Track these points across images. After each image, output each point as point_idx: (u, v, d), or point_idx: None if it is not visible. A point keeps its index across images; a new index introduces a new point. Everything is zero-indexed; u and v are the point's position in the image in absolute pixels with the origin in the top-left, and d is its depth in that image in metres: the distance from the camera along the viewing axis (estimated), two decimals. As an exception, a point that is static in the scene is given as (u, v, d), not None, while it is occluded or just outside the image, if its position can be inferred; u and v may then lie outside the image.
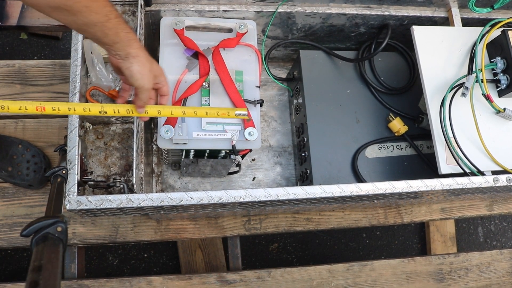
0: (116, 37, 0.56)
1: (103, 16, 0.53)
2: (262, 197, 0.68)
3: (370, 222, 1.08)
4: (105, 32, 0.55)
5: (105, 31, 0.55)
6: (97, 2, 0.52)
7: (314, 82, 0.99)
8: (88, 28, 0.54)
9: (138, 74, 0.60)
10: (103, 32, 0.55)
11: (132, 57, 0.59)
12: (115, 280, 0.96)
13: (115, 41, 0.57)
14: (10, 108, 0.58)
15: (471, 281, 1.10)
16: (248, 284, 1.00)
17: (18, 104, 0.58)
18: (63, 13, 0.51)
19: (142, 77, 0.61)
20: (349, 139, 0.97)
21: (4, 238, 0.94)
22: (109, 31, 0.55)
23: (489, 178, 0.76)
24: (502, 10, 0.99)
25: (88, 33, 0.56)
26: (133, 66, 0.59)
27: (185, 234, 1.00)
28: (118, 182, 0.76)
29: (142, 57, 0.60)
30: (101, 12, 0.53)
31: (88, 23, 0.53)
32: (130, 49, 0.59)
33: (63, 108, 0.61)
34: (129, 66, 0.60)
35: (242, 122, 0.83)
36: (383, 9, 0.96)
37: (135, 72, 0.60)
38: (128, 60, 0.59)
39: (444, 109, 0.83)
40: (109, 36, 0.56)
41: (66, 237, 0.46)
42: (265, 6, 0.91)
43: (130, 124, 0.86)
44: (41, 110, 0.59)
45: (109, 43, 0.57)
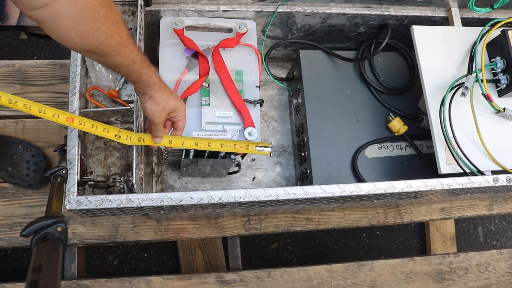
0: (137, 78, 0.64)
1: (129, 60, 0.60)
2: (262, 197, 0.68)
3: (370, 222, 1.08)
4: (129, 73, 0.62)
5: (129, 72, 0.62)
6: (125, 47, 0.59)
7: (314, 82, 0.99)
8: (115, 68, 0.62)
9: (149, 112, 0.68)
10: (127, 73, 0.62)
11: (148, 97, 0.67)
12: (115, 280, 0.96)
13: (136, 82, 0.65)
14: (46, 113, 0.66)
15: (471, 281, 1.10)
16: (248, 284, 1.00)
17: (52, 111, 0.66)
18: (95, 55, 0.58)
19: (153, 114, 0.69)
20: (349, 139, 0.97)
21: (4, 238, 0.94)
22: (132, 73, 0.62)
23: (489, 178, 0.76)
24: (502, 10, 0.99)
25: (115, 71, 0.63)
26: (146, 104, 0.68)
27: (185, 234, 1.00)
28: (118, 182, 0.76)
29: (156, 98, 0.68)
30: (128, 56, 0.60)
31: (116, 64, 0.60)
32: (147, 90, 0.66)
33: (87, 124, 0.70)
34: (143, 103, 0.68)
35: (242, 122, 0.83)
36: (383, 9, 0.96)
37: (147, 109, 0.68)
38: (144, 98, 0.67)
39: (444, 109, 0.83)
40: (131, 77, 0.64)
41: (66, 237, 0.47)
42: (265, 6, 0.91)
43: (130, 124, 0.86)
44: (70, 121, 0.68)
45: (131, 81, 0.65)
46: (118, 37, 0.57)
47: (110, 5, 0.55)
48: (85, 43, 0.54)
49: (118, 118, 0.84)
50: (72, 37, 0.53)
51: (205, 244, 1.32)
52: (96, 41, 0.55)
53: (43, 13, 0.50)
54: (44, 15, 0.50)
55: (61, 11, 0.50)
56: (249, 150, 0.78)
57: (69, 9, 0.50)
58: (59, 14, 0.50)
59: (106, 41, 0.56)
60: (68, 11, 0.50)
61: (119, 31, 0.57)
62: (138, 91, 0.68)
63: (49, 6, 0.49)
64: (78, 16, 0.51)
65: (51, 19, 0.51)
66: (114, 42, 0.57)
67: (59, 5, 0.50)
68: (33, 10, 0.50)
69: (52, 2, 0.49)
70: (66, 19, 0.51)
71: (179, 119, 0.74)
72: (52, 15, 0.50)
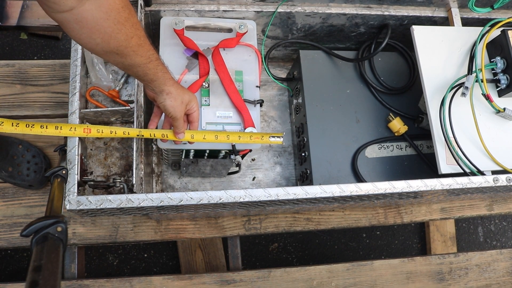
0: (154, 76, 0.66)
1: (146, 59, 0.63)
2: (262, 197, 0.68)
3: (370, 222, 1.08)
4: (146, 72, 0.64)
5: (146, 71, 0.64)
6: (142, 47, 0.61)
7: (314, 82, 0.99)
8: (133, 68, 0.63)
9: (170, 108, 0.70)
10: (144, 72, 0.64)
11: (166, 94, 0.69)
12: (115, 280, 0.96)
13: (153, 80, 0.66)
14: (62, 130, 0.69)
15: (471, 281, 1.10)
16: (248, 284, 1.00)
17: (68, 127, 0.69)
18: (114, 56, 0.60)
19: (175, 110, 0.70)
20: (349, 139, 0.97)
21: (4, 238, 0.94)
22: (149, 71, 0.64)
23: (489, 178, 0.76)
24: (502, 10, 0.99)
25: (132, 71, 0.65)
26: (166, 101, 0.69)
27: (185, 234, 1.00)
28: (118, 182, 0.76)
29: (173, 92, 0.69)
30: (145, 55, 0.62)
31: (133, 64, 0.62)
32: (164, 87, 0.68)
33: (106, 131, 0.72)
34: (162, 101, 0.69)
35: (242, 122, 0.83)
36: (383, 9, 0.96)
37: (168, 106, 0.70)
38: (162, 96, 0.69)
39: (444, 109, 0.83)
40: (148, 76, 0.65)
41: (66, 237, 0.47)
42: (265, 6, 0.91)
43: (130, 124, 0.86)
44: (88, 132, 0.70)
45: (148, 80, 0.67)
46: (137, 38, 0.59)
47: (131, 8, 0.57)
48: (106, 45, 0.57)
49: (118, 118, 0.84)
50: (95, 39, 0.55)
51: (205, 244, 1.32)
52: (117, 43, 0.57)
53: (68, 16, 0.52)
54: (69, 18, 0.52)
55: (86, 14, 0.52)
56: (264, 140, 0.80)
57: (94, 13, 0.53)
58: (84, 17, 0.52)
59: (126, 42, 0.58)
60: (92, 15, 0.53)
61: (138, 32, 0.59)
62: (154, 90, 0.69)
63: (76, 9, 0.51)
64: (102, 19, 0.54)
65: (76, 22, 0.53)
66: (133, 42, 0.59)
67: (84, 9, 0.52)
68: (59, 13, 0.52)
69: (79, 6, 0.51)
70: (90, 22, 0.53)
71: (193, 110, 0.75)
72: (77, 18, 0.52)
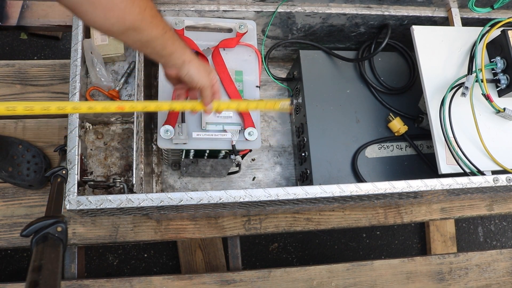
0: (173, 47, 0.63)
1: (162, 29, 0.60)
2: (262, 197, 0.68)
3: (370, 222, 1.08)
4: (164, 44, 0.61)
5: (164, 43, 0.61)
6: (156, 18, 0.59)
7: (314, 82, 0.99)
8: (151, 43, 0.60)
9: (197, 76, 0.66)
10: (162, 45, 0.61)
11: (188, 63, 0.65)
12: (115, 280, 0.96)
13: (173, 51, 0.63)
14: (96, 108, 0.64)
15: (471, 281, 1.10)
16: (248, 284, 1.00)
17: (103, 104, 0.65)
18: (131, 34, 0.57)
19: (202, 78, 0.66)
20: (349, 139, 0.97)
21: (4, 238, 0.94)
22: (167, 43, 0.61)
23: (489, 178, 0.76)
24: (502, 10, 0.99)
25: (150, 48, 0.61)
26: (191, 71, 0.65)
27: (185, 234, 1.00)
28: (118, 182, 0.76)
29: (195, 60, 0.66)
30: (160, 26, 0.59)
31: (151, 38, 0.59)
32: (185, 56, 0.65)
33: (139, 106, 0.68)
34: (187, 72, 0.65)
35: (242, 122, 0.83)
36: (383, 9, 0.96)
37: (194, 75, 0.66)
38: (185, 67, 0.65)
39: (444, 109, 0.83)
40: (167, 48, 0.62)
41: (66, 237, 0.47)
42: (265, 6, 0.91)
43: (130, 124, 0.86)
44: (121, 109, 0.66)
45: (167, 54, 0.63)
46: (149, 9, 0.57)
47: None
48: (121, 23, 0.55)
49: (118, 118, 0.84)
50: (109, 19, 0.54)
51: (205, 244, 1.32)
52: (132, 17, 0.55)
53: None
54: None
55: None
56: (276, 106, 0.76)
57: None
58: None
59: (141, 15, 0.56)
60: None
61: (149, 3, 0.57)
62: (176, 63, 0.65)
63: None
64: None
65: (89, 3, 0.51)
66: (147, 14, 0.57)
67: None
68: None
69: None
70: (102, 1, 0.52)
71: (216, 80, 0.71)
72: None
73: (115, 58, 0.87)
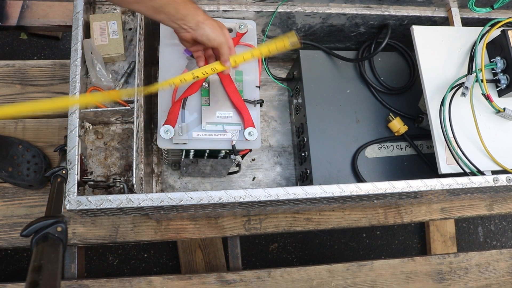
0: (185, 10, 0.63)
1: None
2: (262, 197, 0.68)
3: (370, 222, 1.08)
4: (177, 7, 0.62)
5: (177, 7, 0.62)
6: None
7: (314, 82, 0.99)
8: (164, 7, 0.61)
9: (213, 35, 0.67)
10: (175, 8, 0.62)
11: (202, 23, 0.66)
12: (115, 280, 0.96)
13: (186, 14, 0.63)
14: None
15: (471, 281, 1.10)
16: (248, 284, 1.00)
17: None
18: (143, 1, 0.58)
19: (218, 36, 0.67)
20: (349, 139, 0.97)
21: (4, 238, 0.94)
22: (179, 6, 0.62)
23: (489, 178, 0.76)
24: (502, 10, 0.99)
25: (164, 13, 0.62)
26: (206, 30, 0.66)
27: (185, 234, 1.00)
28: (118, 182, 0.76)
29: (208, 19, 0.66)
30: None
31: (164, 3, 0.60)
32: (198, 17, 0.65)
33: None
34: (203, 32, 0.66)
35: (242, 122, 0.83)
36: (383, 9, 0.96)
37: (211, 34, 0.66)
38: (201, 28, 0.66)
39: (444, 109, 0.83)
40: (180, 11, 0.63)
41: (66, 237, 0.47)
42: (265, 6, 0.91)
43: (130, 124, 0.86)
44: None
45: (181, 17, 0.63)
46: None
47: None
48: None
49: (118, 118, 0.84)
50: None
51: (205, 244, 1.32)
52: None
53: None
54: None
55: None
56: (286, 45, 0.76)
57: None
58: None
59: None
60: None
61: None
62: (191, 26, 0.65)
63: None
64: None
65: None
66: None
67: None
68: None
69: None
70: None
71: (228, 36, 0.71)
72: None
73: (115, 58, 0.87)
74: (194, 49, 0.72)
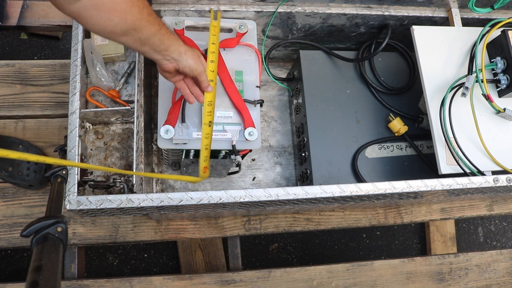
0: (169, 41, 0.66)
1: (158, 25, 0.63)
2: (262, 197, 0.68)
3: (370, 222, 1.08)
4: (162, 38, 0.64)
5: (162, 38, 0.64)
6: (152, 15, 0.62)
7: (314, 82, 0.99)
8: (150, 39, 0.63)
9: (195, 65, 0.70)
10: (160, 40, 0.64)
11: (184, 54, 0.68)
12: (115, 280, 0.96)
13: (169, 44, 0.66)
14: None
15: (471, 281, 1.10)
16: (248, 284, 1.00)
17: None
18: (132, 33, 0.61)
19: (199, 65, 0.71)
20: (349, 139, 0.97)
21: (4, 238, 0.94)
22: (164, 36, 0.65)
23: (489, 178, 0.76)
24: (502, 10, 0.99)
25: (149, 45, 0.64)
26: (189, 60, 0.69)
27: (185, 234, 1.00)
28: (118, 182, 0.76)
29: (188, 50, 0.69)
30: (156, 23, 0.63)
31: (150, 34, 0.63)
32: (180, 48, 0.68)
33: None
34: (186, 63, 0.69)
35: (242, 122, 0.83)
36: (383, 9, 0.96)
37: (192, 65, 0.69)
38: (183, 58, 0.68)
39: (444, 109, 0.83)
40: (164, 42, 0.65)
41: (66, 237, 0.46)
42: (265, 6, 0.91)
43: (130, 124, 0.86)
44: None
45: (165, 48, 0.66)
46: (146, 8, 0.61)
47: None
48: (123, 22, 0.58)
49: (118, 118, 0.84)
50: (113, 20, 0.57)
51: (205, 244, 1.32)
52: (133, 16, 0.59)
53: (86, 2, 0.54)
54: (87, 4, 0.54)
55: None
56: None
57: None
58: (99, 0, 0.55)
59: (140, 14, 0.60)
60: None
61: (145, 3, 0.61)
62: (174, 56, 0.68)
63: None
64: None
65: (93, 7, 0.55)
66: (145, 13, 0.61)
67: None
68: (76, 2, 0.53)
69: None
70: (106, 3, 0.55)
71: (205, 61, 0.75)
72: (94, 2, 0.54)
73: (115, 58, 0.87)
74: (175, 79, 0.74)
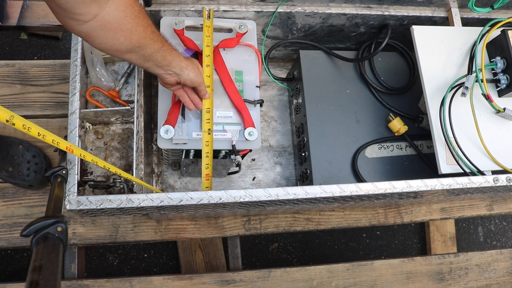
0: (171, 56, 0.69)
1: (161, 42, 0.66)
2: (262, 197, 0.68)
3: (370, 222, 1.08)
4: (164, 55, 0.67)
5: (164, 54, 0.67)
6: (155, 33, 0.65)
7: (314, 82, 0.99)
8: (153, 56, 0.66)
9: (196, 77, 0.74)
10: (163, 56, 0.67)
11: (185, 68, 0.72)
12: (115, 280, 0.96)
13: (172, 60, 0.69)
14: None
15: (471, 281, 1.10)
16: (248, 284, 1.00)
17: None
18: (136, 50, 0.63)
19: (199, 77, 0.75)
20: (349, 139, 0.97)
21: (4, 238, 0.94)
22: (166, 53, 0.67)
23: (489, 178, 0.76)
24: (502, 10, 0.99)
25: (152, 61, 0.67)
26: (190, 74, 0.72)
27: (185, 234, 1.00)
28: (118, 182, 0.76)
29: (189, 63, 0.73)
30: (159, 40, 0.66)
31: (153, 51, 0.65)
32: (181, 63, 0.71)
33: None
34: (187, 77, 0.72)
35: (242, 122, 0.83)
36: (383, 9, 0.96)
37: (193, 77, 0.73)
38: (185, 72, 0.72)
39: (444, 109, 0.83)
40: (167, 58, 0.68)
41: (66, 237, 0.46)
42: (265, 6, 0.91)
43: (130, 124, 0.86)
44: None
45: (167, 63, 0.69)
46: (150, 26, 0.63)
47: (137, 1, 0.62)
48: (129, 41, 0.61)
49: (118, 118, 0.84)
50: (119, 39, 0.60)
51: (205, 244, 1.32)
52: (138, 35, 0.61)
53: (94, 23, 0.56)
54: (95, 25, 0.56)
55: (108, 18, 0.57)
56: None
57: (114, 14, 0.57)
58: (107, 21, 0.57)
59: (144, 32, 0.62)
60: (114, 16, 0.57)
61: (149, 21, 0.63)
62: (175, 71, 0.70)
63: (99, 15, 0.55)
64: (122, 18, 0.58)
65: (101, 28, 0.57)
66: (149, 31, 0.63)
67: (107, 13, 0.56)
68: (85, 23, 0.55)
69: (101, 11, 0.55)
70: (113, 24, 0.58)
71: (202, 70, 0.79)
72: (102, 23, 0.56)
73: (115, 58, 0.87)
74: (175, 88, 0.76)
